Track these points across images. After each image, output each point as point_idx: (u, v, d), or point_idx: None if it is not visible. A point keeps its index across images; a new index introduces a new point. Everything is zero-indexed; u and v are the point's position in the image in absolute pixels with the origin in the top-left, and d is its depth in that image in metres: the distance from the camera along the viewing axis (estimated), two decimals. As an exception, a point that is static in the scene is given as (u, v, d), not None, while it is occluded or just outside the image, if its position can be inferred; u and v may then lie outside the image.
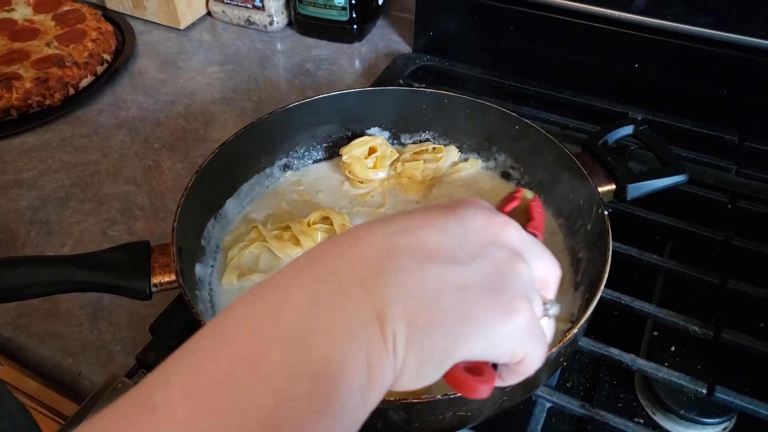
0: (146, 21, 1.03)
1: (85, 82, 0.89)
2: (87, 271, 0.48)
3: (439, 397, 0.41)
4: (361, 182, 0.68)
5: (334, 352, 0.26)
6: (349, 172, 0.68)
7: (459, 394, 0.40)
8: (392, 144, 0.72)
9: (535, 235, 0.41)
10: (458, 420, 0.45)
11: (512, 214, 0.42)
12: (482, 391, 0.31)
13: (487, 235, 0.32)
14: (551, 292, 0.37)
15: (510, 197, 0.46)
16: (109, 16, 1.02)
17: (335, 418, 0.26)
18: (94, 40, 0.93)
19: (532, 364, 0.33)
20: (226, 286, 0.58)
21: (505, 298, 0.30)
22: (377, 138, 0.70)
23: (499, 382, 0.35)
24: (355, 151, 0.68)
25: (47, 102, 0.85)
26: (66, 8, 0.99)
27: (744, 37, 0.71)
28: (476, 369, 0.32)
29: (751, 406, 0.50)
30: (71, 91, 0.87)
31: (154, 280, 0.50)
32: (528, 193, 0.47)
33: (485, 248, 0.31)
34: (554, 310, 0.35)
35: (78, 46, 0.91)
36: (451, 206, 0.33)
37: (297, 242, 0.60)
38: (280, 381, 0.25)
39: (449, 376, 0.31)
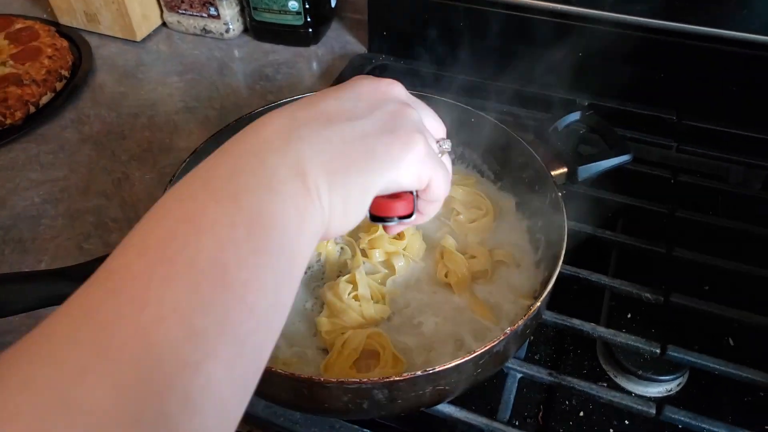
0: (101, 35, 1.03)
1: (45, 99, 0.89)
2: (73, 282, 0.49)
3: (419, 373, 0.44)
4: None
5: (261, 205, 0.30)
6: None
7: (436, 369, 0.44)
8: (356, 142, 0.75)
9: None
10: (438, 394, 0.48)
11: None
12: (399, 207, 0.38)
13: (377, 94, 0.38)
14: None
15: None
16: (63, 31, 1.02)
17: (274, 257, 0.30)
18: (50, 57, 0.93)
19: (439, 188, 0.39)
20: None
21: (402, 133, 0.36)
22: (341, 138, 0.72)
23: (421, 218, 0.42)
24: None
25: (8, 121, 0.85)
26: (18, 26, 0.98)
27: (677, 23, 0.76)
28: (396, 197, 0.39)
29: (699, 361, 0.55)
30: (32, 109, 0.87)
31: (139, 287, 0.52)
32: None
33: (377, 104, 0.37)
34: (447, 145, 0.42)
35: (34, 63, 0.91)
36: (341, 84, 0.39)
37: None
38: (217, 230, 0.29)
39: (373, 207, 0.37)
